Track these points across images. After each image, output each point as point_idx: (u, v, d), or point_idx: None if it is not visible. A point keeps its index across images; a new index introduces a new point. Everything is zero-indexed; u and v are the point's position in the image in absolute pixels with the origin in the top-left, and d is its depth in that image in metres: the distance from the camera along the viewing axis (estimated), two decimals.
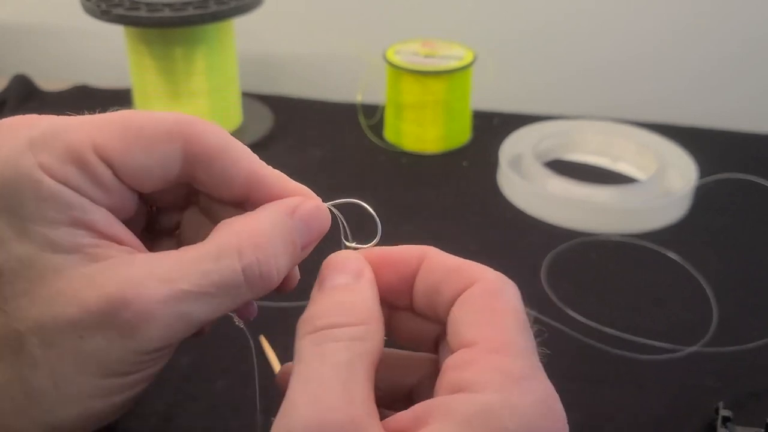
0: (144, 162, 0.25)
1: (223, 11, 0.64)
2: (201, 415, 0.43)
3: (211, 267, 0.25)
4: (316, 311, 0.25)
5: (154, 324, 0.24)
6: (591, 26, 0.81)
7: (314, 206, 0.28)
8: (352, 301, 0.25)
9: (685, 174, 0.64)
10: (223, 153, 0.26)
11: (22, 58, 0.95)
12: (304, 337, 0.24)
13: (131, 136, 0.25)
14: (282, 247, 0.26)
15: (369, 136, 0.74)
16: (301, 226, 0.27)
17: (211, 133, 0.26)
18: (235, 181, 0.26)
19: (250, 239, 0.25)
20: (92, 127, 0.25)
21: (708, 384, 0.45)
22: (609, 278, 0.55)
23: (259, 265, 0.25)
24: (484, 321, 0.24)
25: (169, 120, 0.26)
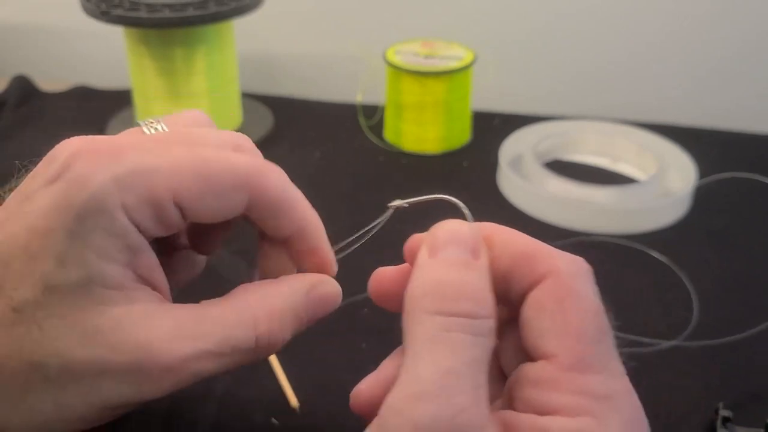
0: (212, 207, 0.27)
1: (222, 12, 0.64)
2: (199, 416, 0.43)
3: (231, 332, 0.27)
4: (446, 288, 0.24)
5: (170, 379, 0.26)
6: (591, 26, 0.81)
7: (330, 291, 0.30)
8: (478, 288, 0.25)
9: (685, 174, 0.64)
10: (284, 203, 0.28)
11: (22, 59, 0.95)
12: (431, 315, 0.24)
13: (206, 186, 0.27)
14: (291, 322, 0.28)
15: (369, 136, 0.74)
16: (313, 306, 0.29)
17: (278, 186, 0.28)
18: (284, 229, 0.29)
19: (266, 312, 0.28)
20: (174, 175, 0.26)
21: (708, 384, 0.45)
22: (609, 278, 0.55)
23: (269, 336, 0.27)
24: (562, 329, 0.24)
25: (241, 170, 0.27)
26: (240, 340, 0.27)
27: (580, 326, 0.24)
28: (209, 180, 0.27)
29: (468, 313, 0.23)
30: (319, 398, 0.43)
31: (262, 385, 0.45)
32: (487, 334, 0.24)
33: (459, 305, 0.24)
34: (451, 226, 0.27)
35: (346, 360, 0.46)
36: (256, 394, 0.44)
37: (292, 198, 0.29)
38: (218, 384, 0.45)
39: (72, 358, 0.25)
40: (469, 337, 0.23)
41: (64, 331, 0.25)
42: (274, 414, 0.43)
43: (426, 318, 0.24)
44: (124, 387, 0.25)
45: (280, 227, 0.29)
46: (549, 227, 0.60)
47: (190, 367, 0.26)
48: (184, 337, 0.26)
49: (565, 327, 0.24)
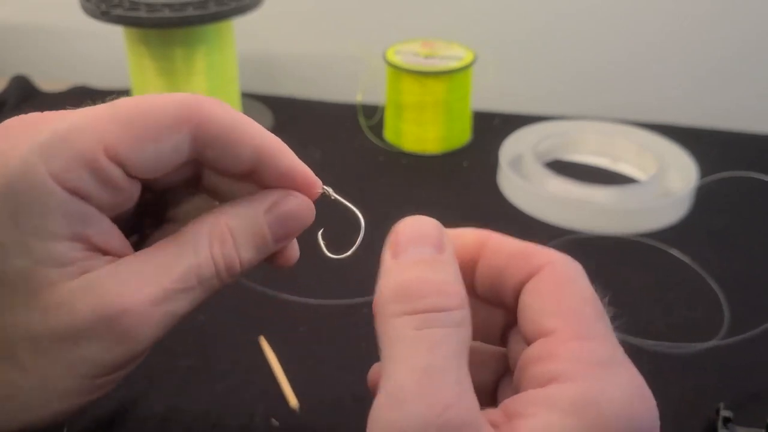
0: (154, 154, 0.25)
1: (222, 11, 0.64)
2: (201, 416, 0.43)
3: (190, 261, 0.26)
4: (410, 288, 0.23)
5: (147, 326, 0.25)
6: (591, 26, 0.81)
7: (294, 204, 0.28)
8: (445, 281, 0.23)
9: (686, 174, 0.64)
10: (231, 132, 0.26)
11: (22, 59, 0.95)
12: (400, 317, 0.23)
13: (139, 131, 0.24)
14: (250, 241, 0.27)
15: (369, 136, 0.74)
16: (277, 222, 0.27)
17: (219, 114, 0.26)
18: (242, 157, 0.26)
19: (219, 234, 0.26)
20: (100, 128, 0.24)
21: (709, 385, 0.45)
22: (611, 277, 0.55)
23: (224, 258, 0.26)
24: (561, 308, 0.24)
25: (175, 105, 0.25)
26: (200, 270, 0.26)
27: (578, 305, 0.24)
28: (140, 123, 0.24)
29: (436, 307, 0.23)
30: (319, 399, 0.43)
31: (262, 386, 0.45)
32: (460, 324, 0.23)
33: (426, 301, 0.23)
34: (413, 223, 0.25)
35: (346, 360, 0.46)
36: (256, 395, 0.44)
37: (241, 123, 0.26)
38: (218, 386, 0.45)
39: (39, 337, 0.24)
40: (442, 331, 0.22)
41: (24, 316, 0.24)
42: (273, 414, 0.43)
43: (395, 321, 0.23)
44: (99, 349, 0.24)
45: (238, 159, 0.26)
46: (549, 227, 0.60)
47: (160, 310, 0.25)
48: (145, 282, 0.25)
49: (564, 305, 0.24)
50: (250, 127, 0.26)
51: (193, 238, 0.26)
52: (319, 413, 0.43)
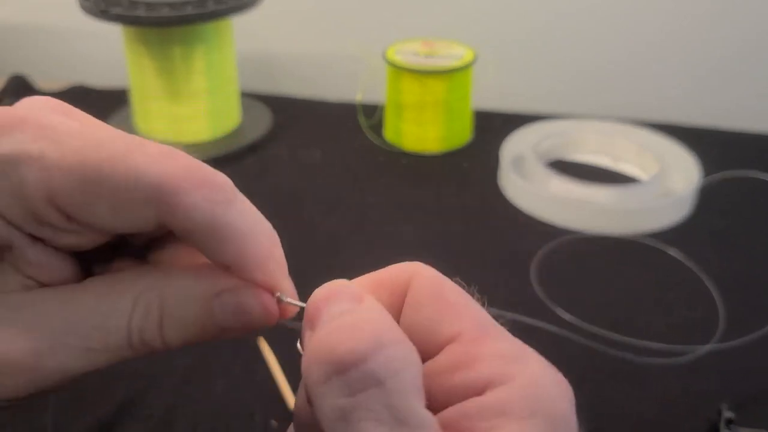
0: (105, 219, 0.22)
1: (221, 10, 0.64)
2: (200, 416, 0.42)
3: (98, 322, 0.23)
4: (326, 347, 0.20)
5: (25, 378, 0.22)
6: (592, 26, 0.81)
7: (250, 304, 0.23)
8: (369, 319, 0.21)
9: (688, 173, 0.64)
10: (207, 232, 0.22)
11: (20, 58, 0.94)
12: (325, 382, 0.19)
13: (94, 193, 0.21)
14: (181, 326, 0.23)
15: (369, 136, 0.73)
16: (225, 312, 0.23)
17: (197, 208, 0.21)
18: (211, 257, 0.23)
19: (146, 306, 0.23)
20: (52, 168, 0.21)
21: (711, 386, 0.45)
22: (611, 277, 0.55)
23: (141, 335, 0.23)
24: (450, 314, 0.22)
25: (150, 185, 0.21)
26: (108, 334, 0.22)
27: (462, 303, 0.23)
28: (99, 188, 0.21)
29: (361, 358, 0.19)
30: None
31: (261, 388, 0.44)
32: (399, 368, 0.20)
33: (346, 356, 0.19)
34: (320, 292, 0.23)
35: None
36: (256, 396, 0.44)
37: (229, 226, 0.22)
38: (218, 386, 0.44)
39: None
40: (377, 390, 0.19)
41: None
42: (273, 416, 0.42)
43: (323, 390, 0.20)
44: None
45: (210, 256, 0.23)
46: (549, 227, 0.60)
47: (44, 365, 0.22)
48: (35, 330, 0.22)
49: (454, 309, 0.22)
50: (240, 235, 0.22)
51: (117, 296, 0.23)
52: None
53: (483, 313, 0.23)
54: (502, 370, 0.21)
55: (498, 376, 0.21)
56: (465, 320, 0.22)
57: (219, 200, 0.22)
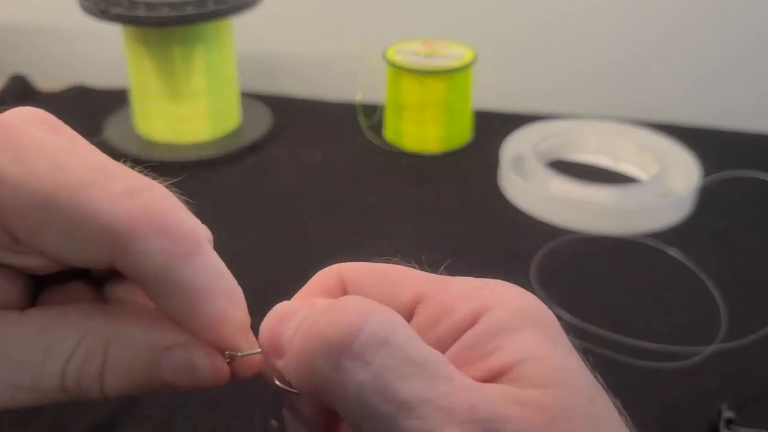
0: (56, 251, 0.21)
1: (221, 10, 0.64)
2: (200, 416, 0.42)
3: (35, 361, 0.21)
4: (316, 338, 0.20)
5: None
6: (592, 26, 0.81)
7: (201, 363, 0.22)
8: (341, 304, 0.20)
9: (688, 173, 0.64)
10: (157, 284, 0.21)
11: (20, 58, 0.94)
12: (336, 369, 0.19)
13: (45, 223, 0.20)
14: (122, 377, 0.22)
15: (369, 136, 0.73)
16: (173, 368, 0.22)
17: (150, 258, 0.20)
18: (161, 308, 0.22)
19: (84, 348, 0.21)
20: (6, 189, 0.20)
21: (711, 386, 0.45)
22: (611, 277, 0.55)
23: (78, 382, 0.21)
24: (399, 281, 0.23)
25: (103, 222, 0.20)
26: (41, 375, 0.21)
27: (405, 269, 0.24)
28: (52, 215, 0.20)
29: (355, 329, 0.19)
30: None
31: (262, 388, 0.44)
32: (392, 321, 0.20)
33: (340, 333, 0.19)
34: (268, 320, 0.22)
35: None
36: (256, 396, 0.44)
37: (183, 282, 0.21)
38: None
39: None
40: (389, 347, 0.19)
41: None
42: (273, 415, 0.42)
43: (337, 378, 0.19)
44: None
45: (160, 307, 0.22)
46: (549, 227, 0.60)
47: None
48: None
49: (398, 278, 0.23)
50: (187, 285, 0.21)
51: (57, 334, 0.21)
52: None
53: (418, 270, 0.24)
54: (480, 302, 0.22)
55: (479, 307, 0.21)
56: (416, 281, 0.23)
57: (176, 252, 0.20)
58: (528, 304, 0.22)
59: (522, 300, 0.22)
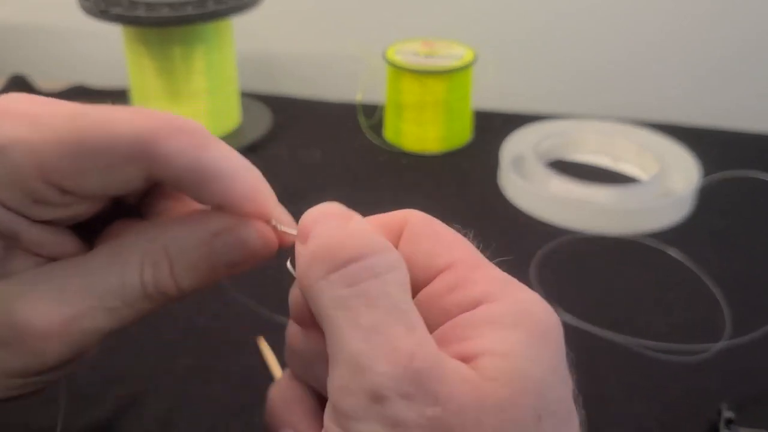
0: (98, 184, 0.23)
1: (221, 10, 0.64)
2: (199, 417, 0.42)
3: (114, 283, 0.24)
4: (327, 246, 0.22)
5: (56, 344, 0.24)
6: (592, 26, 0.81)
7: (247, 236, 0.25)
8: (360, 232, 0.22)
9: (688, 173, 0.64)
10: (193, 175, 0.23)
11: (20, 58, 0.94)
12: (326, 278, 0.21)
13: (82, 161, 0.23)
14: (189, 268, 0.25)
15: (369, 136, 0.73)
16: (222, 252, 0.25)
17: (180, 154, 0.23)
18: (204, 200, 0.25)
19: (152, 258, 0.24)
20: (41, 148, 0.22)
21: (712, 386, 0.45)
22: (611, 277, 0.55)
23: (155, 284, 0.24)
24: (447, 246, 0.24)
25: (131, 139, 0.23)
26: (125, 291, 0.24)
27: (460, 239, 0.24)
28: (85, 154, 0.22)
29: (359, 256, 0.21)
30: None
31: (262, 388, 0.44)
32: (394, 266, 0.21)
33: (348, 253, 0.21)
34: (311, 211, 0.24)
35: None
36: (255, 397, 0.44)
37: (208, 166, 0.23)
38: (218, 386, 0.44)
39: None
40: (376, 281, 0.21)
41: None
42: None
43: (322, 285, 0.21)
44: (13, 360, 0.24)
45: (199, 199, 0.25)
46: (549, 227, 0.60)
47: (72, 329, 0.24)
48: (57, 299, 0.24)
49: (448, 243, 0.24)
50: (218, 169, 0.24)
51: (124, 256, 0.24)
52: None
53: (474, 248, 0.25)
54: (493, 290, 0.22)
55: (490, 294, 0.22)
56: (458, 251, 0.24)
57: (197, 144, 0.23)
58: (535, 310, 0.22)
59: (528, 306, 0.22)
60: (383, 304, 0.21)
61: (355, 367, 0.20)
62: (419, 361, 0.20)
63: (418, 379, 0.19)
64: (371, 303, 0.21)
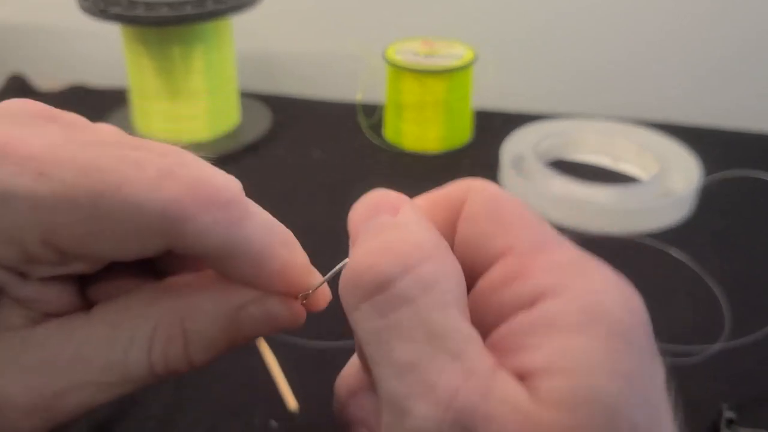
0: (108, 254, 0.21)
1: (221, 9, 0.64)
2: (199, 418, 0.42)
3: (117, 357, 0.21)
4: (359, 269, 0.19)
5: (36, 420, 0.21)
6: (592, 25, 0.81)
7: (277, 310, 0.23)
8: (400, 237, 0.19)
9: (688, 173, 0.64)
10: (222, 254, 0.21)
11: (20, 58, 0.94)
12: (358, 308, 0.19)
13: (95, 224, 0.19)
14: (208, 345, 0.22)
15: (369, 136, 0.73)
16: (245, 327, 0.23)
17: (210, 233, 0.20)
18: (228, 275, 0.22)
19: (167, 333, 0.22)
20: (45, 201, 0.19)
21: (712, 386, 0.45)
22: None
23: (166, 363, 0.22)
24: (505, 225, 0.21)
25: (154, 209, 0.19)
26: (128, 367, 0.21)
27: (520, 214, 0.21)
28: (99, 219, 0.19)
29: (389, 279, 0.18)
30: (319, 401, 0.43)
31: (261, 388, 0.44)
32: (432, 282, 0.18)
33: (375, 278, 0.18)
34: (356, 206, 0.22)
35: (346, 362, 0.46)
36: (255, 397, 0.44)
37: (245, 246, 0.21)
38: (218, 387, 0.44)
39: None
40: (408, 308, 0.18)
41: None
42: (273, 416, 0.42)
43: (357, 315, 0.19)
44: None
45: (226, 274, 0.22)
46: None
47: (61, 403, 0.21)
48: (48, 371, 0.21)
49: (506, 220, 0.21)
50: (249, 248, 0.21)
51: (132, 325, 0.22)
52: (319, 416, 0.42)
53: (543, 226, 0.21)
54: (555, 281, 0.19)
55: (550, 287, 0.19)
56: (520, 232, 0.20)
57: (231, 220, 0.21)
58: (607, 306, 0.18)
59: (600, 299, 0.18)
60: (419, 334, 0.18)
61: (394, 409, 0.18)
62: (463, 398, 0.17)
63: (461, 421, 0.17)
64: (405, 335, 0.18)
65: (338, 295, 0.20)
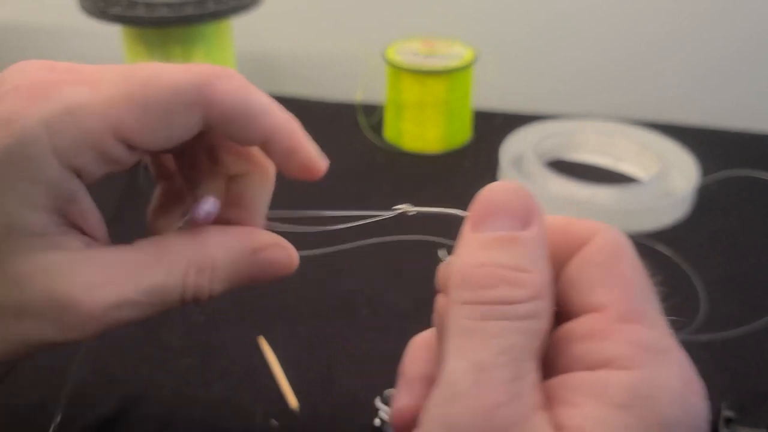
0: (161, 134, 0.25)
1: (221, 10, 0.64)
2: (199, 418, 0.42)
3: (157, 281, 0.26)
4: (476, 276, 0.21)
5: (92, 325, 0.25)
6: (592, 25, 0.81)
7: (280, 257, 0.28)
8: (519, 266, 0.21)
9: (688, 173, 0.64)
10: (243, 113, 0.26)
11: (20, 58, 0.94)
12: (462, 305, 0.21)
13: (152, 116, 0.25)
14: (224, 280, 0.27)
15: (369, 136, 0.73)
16: (256, 269, 0.28)
17: (231, 93, 0.25)
18: (251, 136, 0.27)
19: (199, 266, 0.26)
20: (112, 110, 0.24)
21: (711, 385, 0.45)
22: None
23: (195, 290, 0.26)
24: (612, 283, 0.22)
25: (186, 85, 0.25)
26: (166, 291, 0.26)
27: (631, 277, 0.22)
28: (150, 106, 0.24)
29: (501, 299, 0.21)
30: (319, 399, 0.43)
31: (262, 387, 0.44)
32: (528, 317, 0.21)
33: (490, 293, 0.21)
34: (498, 191, 0.23)
35: (346, 360, 0.46)
36: (256, 395, 0.44)
37: (254, 104, 0.26)
38: (218, 386, 0.44)
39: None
40: (501, 324, 0.20)
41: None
42: (273, 415, 0.42)
43: (458, 309, 0.21)
44: (45, 330, 0.25)
45: (247, 136, 0.27)
46: None
47: (111, 315, 0.25)
48: (106, 284, 0.25)
49: (615, 279, 0.22)
50: (262, 106, 0.26)
51: (171, 257, 0.26)
52: (319, 414, 0.42)
53: (646, 292, 0.22)
54: (627, 355, 0.20)
55: (620, 359, 0.20)
56: (622, 295, 0.22)
57: (245, 86, 0.26)
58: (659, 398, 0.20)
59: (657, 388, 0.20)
60: (498, 348, 0.20)
61: (446, 394, 0.20)
62: (502, 416, 0.19)
63: (494, 430, 0.19)
64: (487, 342, 0.20)
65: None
